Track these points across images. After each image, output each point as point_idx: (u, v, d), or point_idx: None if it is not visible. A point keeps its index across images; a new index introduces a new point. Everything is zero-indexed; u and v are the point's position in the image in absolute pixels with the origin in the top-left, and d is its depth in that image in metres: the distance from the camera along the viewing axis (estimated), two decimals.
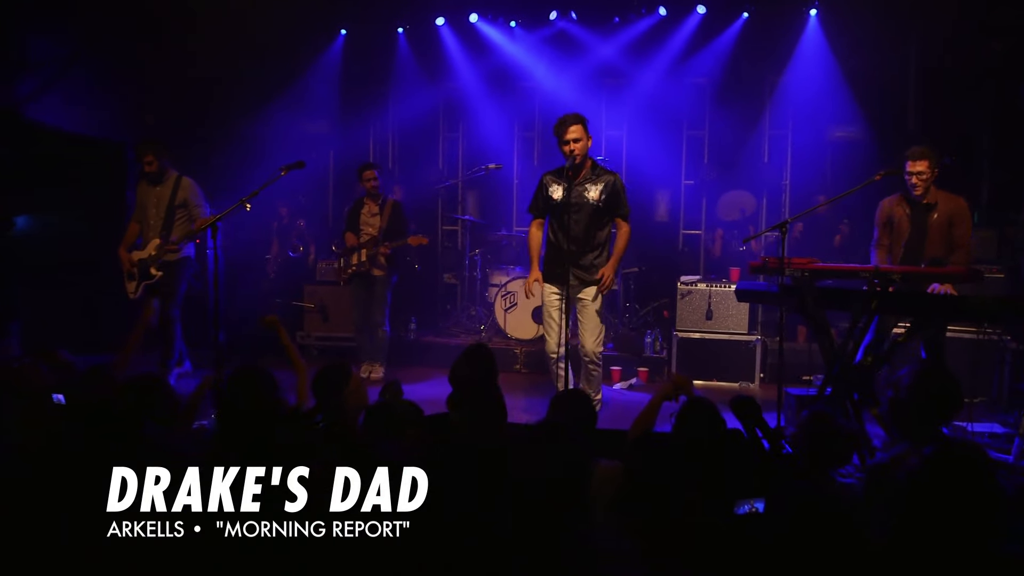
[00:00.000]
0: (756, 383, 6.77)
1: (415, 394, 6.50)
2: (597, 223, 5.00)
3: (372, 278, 6.62)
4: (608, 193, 4.96)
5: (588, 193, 4.93)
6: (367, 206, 6.72)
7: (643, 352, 7.02)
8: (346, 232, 6.78)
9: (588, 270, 4.98)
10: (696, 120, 8.99)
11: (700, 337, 6.85)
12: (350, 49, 9.33)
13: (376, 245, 6.53)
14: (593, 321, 5.02)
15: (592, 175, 4.99)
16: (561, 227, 4.93)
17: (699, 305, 6.88)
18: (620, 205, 5.05)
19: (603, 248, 5.04)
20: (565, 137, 4.82)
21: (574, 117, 4.85)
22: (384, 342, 6.78)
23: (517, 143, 9.48)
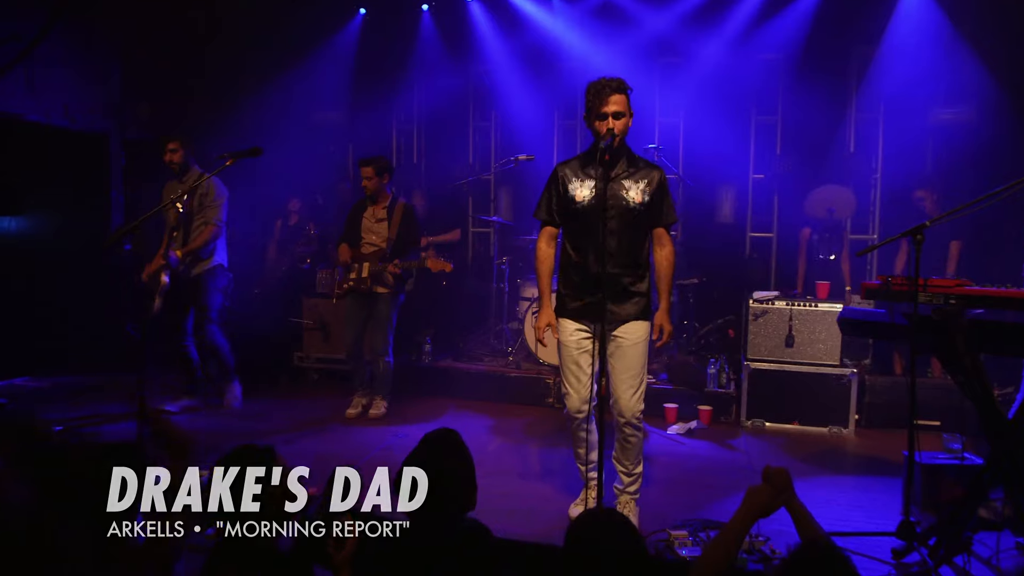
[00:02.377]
0: (851, 428, 5.17)
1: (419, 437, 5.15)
2: (638, 234, 3.47)
3: (373, 296, 5.25)
4: (653, 193, 3.44)
5: (627, 192, 3.41)
6: (370, 210, 5.32)
7: (705, 385, 5.49)
8: (341, 243, 5.37)
9: (624, 299, 3.47)
10: (767, 103, 7.38)
11: (778, 369, 5.29)
12: (369, 30, 8.00)
13: (383, 260, 5.16)
14: (633, 369, 3.49)
15: (629, 168, 3.45)
16: (590, 239, 3.42)
17: (777, 328, 5.32)
18: (667, 210, 3.51)
19: (645, 269, 3.54)
20: (603, 109, 3.32)
21: (618, 83, 3.34)
22: (388, 374, 5.40)
23: (558, 132, 8.01)
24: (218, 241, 5.39)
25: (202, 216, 5.28)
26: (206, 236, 5.26)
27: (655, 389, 5.54)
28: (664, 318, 3.54)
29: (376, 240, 5.24)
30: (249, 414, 5.50)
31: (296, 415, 5.45)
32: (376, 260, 5.17)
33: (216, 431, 5.04)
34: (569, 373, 3.57)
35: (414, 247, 5.32)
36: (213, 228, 5.29)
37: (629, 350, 3.47)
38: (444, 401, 5.88)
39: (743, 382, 5.35)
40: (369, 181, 5.20)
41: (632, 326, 3.48)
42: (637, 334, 3.48)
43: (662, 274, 3.56)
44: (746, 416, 5.32)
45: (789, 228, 6.95)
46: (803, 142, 7.16)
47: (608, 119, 3.32)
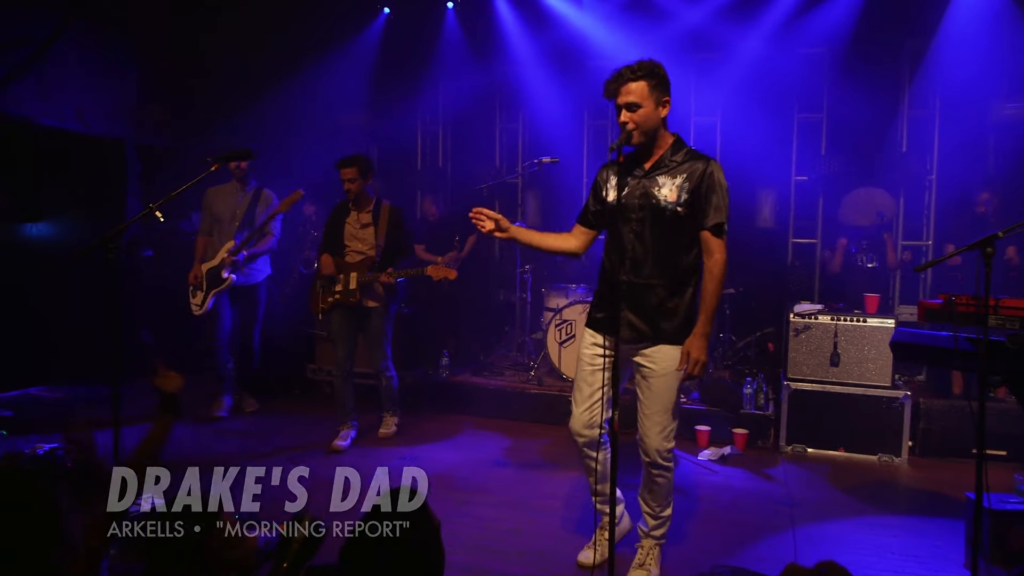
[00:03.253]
0: (903, 456, 4.63)
1: (432, 462, 4.79)
2: (675, 239, 2.91)
3: (363, 311, 4.76)
4: (694, 189, 2.87)
5: (659, 189, 2.89)
6: (353, 215, 4.83)
7: (740, 406, 4.99)
8: (322, 252, 4.90)
9: (655, 316, 2.93)
10: (811, 100, 6.82)
11: (821, 390, 4.77)
12: (393, 29, 7.65)
13: (373, 270, 4.69)
14: (661, 403, 2.99)
15: (670, 161, 2.93)
16: (615, 243, 3.00)
17: (820, 345, 4.80)
18: (713, 210, 2.89)
19: (686, 282, 2.98)
20: (617, 100, 2.88)
21: (635, 68, 2.86)
22: (393, 389, 4.99)
23: (588, 133, 7.57)
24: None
25: (262, 228, 5.23)
26: (268, 243, 5.29)
27: (685, 410, 5.07)
28: (696, 344, 2.86)
29: (362, 248, 4.75)
30: (255, 430, 5.19)
31: (302, 433, 5.10)
32: (364, 270, 4.67)
33: (216, 449, 4.73)
34: (576, 390, 3.12)
35: (406, 254, 4.84)
36: (272, 238, 5.31)
37: (657, 382, 2.96)
38: (460, 419, 5.48)
39: (783, 403, 4.83)
40: (352, 183, 4.67)
41: (662, 351, 2.93)
42: (667, 362, 2.93)
43: (704, 288, 2.95)
44: (786, 441, 4.81)
45: (835, 234, 6.38)
46: (850, 142, 6.59)
47: (622, 112, 2.86)
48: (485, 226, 2.99)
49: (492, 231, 2.99)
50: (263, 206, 5.32)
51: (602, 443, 3.08)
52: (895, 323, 4.66)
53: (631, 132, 2.85)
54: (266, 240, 5.30)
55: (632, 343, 2.98)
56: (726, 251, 2.96)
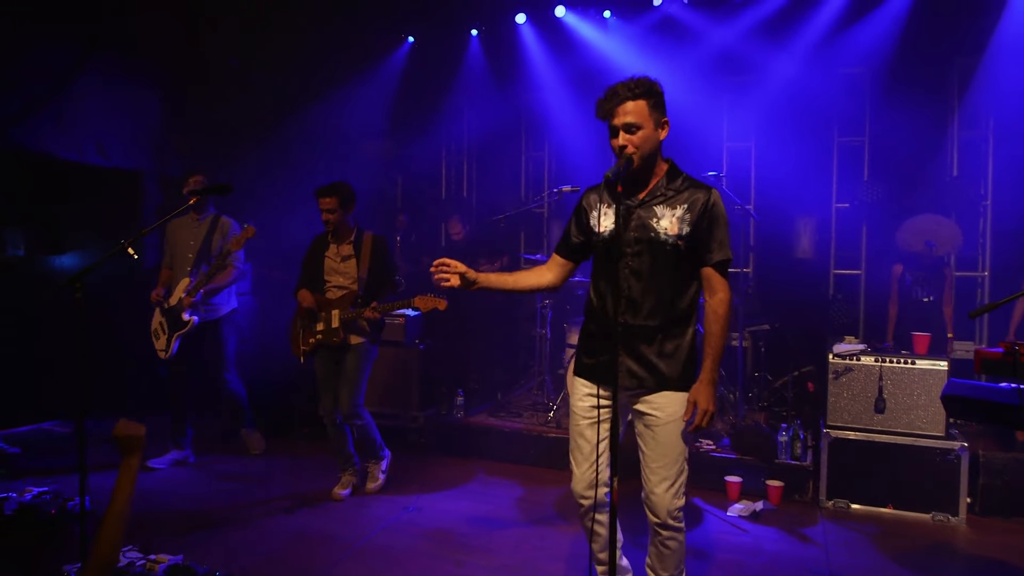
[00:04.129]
0: (961, 516, 4.07)
1: (436, 513, 4.33)
2: (674, 275, 2.55)
3: (344, 348, 4.33)
4: (696, 222, 2.52)
5: (658, 221, 2.54)
6: (332, 247, 4.45)
7: (775, 455, 4.50)
8: (298, 288, 4.48)
9: (656, 361, 2.56)
10: (852, 123, 6.36)
11: (866, 439, 4.25)
12: (417, 57, 7.44)
13: (356, 306, 4.29)
14: (668, 455, 2.58)
15: (667, 189, 2.57)
16: (608, 280, 2.62)
17: (864, 389, 4.29)
18: (717, 244, 2.54)
19: (687, 323, 2.61)
20: (613, 121, 2.51)
21: (633, 86, 2.50)
22: (369, 434, 4.48)
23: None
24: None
25: (222, 259, 4.84)
26: (228, 276, 4.91)
27: (714, 458, 4.60)
28: (703, 393, 2.50)
29: (344, 282, 4.36)
30: (253, 475, 4.87)
31: (301, 480, 4.75)
32: (346, 306, 4.28)
33: (207, 495, 4.44)
34: (574, 447, 2.72)
35: (391, 287, 4.42)
36: (234, 270, 4.93)
37: (661, 431, 2.57)
38: (473, 464, 5.09)
39: (822, 453, 4.33)
40: (332, 214, 4.26)
41: (666, 398, 2.55)
42: (671, 409, 2.55)
43: (708, 331, 2.59)
44: (826, 495, 4.30)
45: (880, 264, 5.86)
46: (895, 166, 6.09)
47: (619, 135, 2.49)
48: (450, 281, 2.61)
49: (459, 286, 2.63)
50: (220, 235, 4.99)
51: (603, 504, 2.71)
52: (948, 366, 4.14)
53: (630, 156, 2.48)
54: (226, 274, 4.91)
55: (631, 391, 2.60)
56: (730, 290, 2.60)
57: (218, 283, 4.88)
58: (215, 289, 4.90)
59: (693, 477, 4.61)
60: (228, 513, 4.16)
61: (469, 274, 2.61)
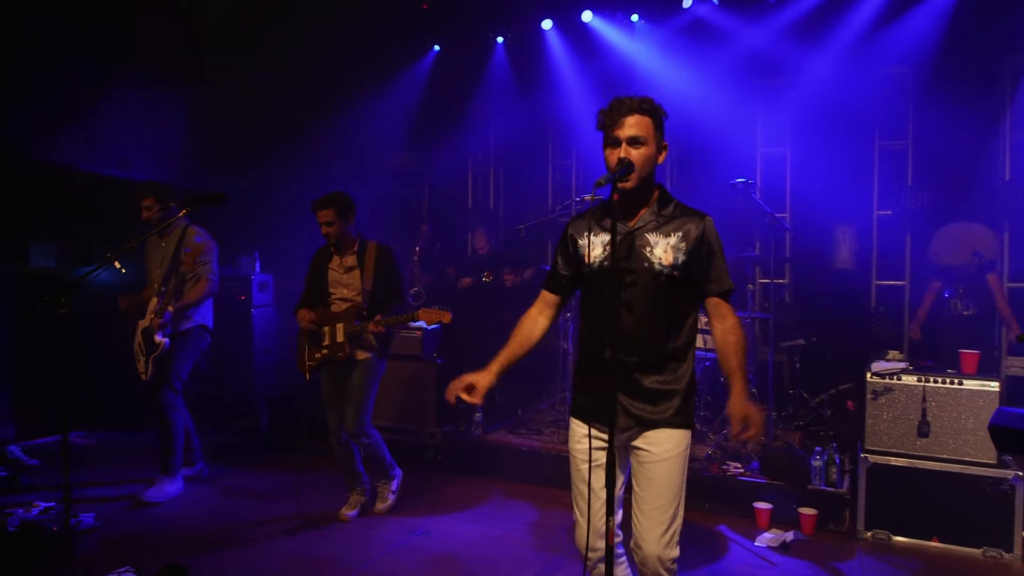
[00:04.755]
0: (1017, 551, 3.67)
1: (444, 538, 4.03)
2: (669, 307, 2.34)
3: (351, 364, 4.13)
4: (692, 251, 2.32)
5: (651, 250, 2.33)
6: (336, 259, 4.21)
7: (808, 481, 4.15)
8: (300, 306, 4.26)
9: (653, 399, 2.34)
10: (894, 126, 5.96)
11: (908, 465, 3.88)
12: (442, 66, 7.28)
13: (361, 319, 4.08)
14: (661, 497, 2.31)
15: (659, 216, 2.36)
16: (598, 314, 2.38)
17: (905, 411, 3.92)
18: (718, 275, 2.37)
19: (681, 357, 2.37)
20: (616, 132, 2.27)
21: (641, 101, 2.29)
22: (376, 452, 4.26)
23: None
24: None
25: (193, 271, 4.53)
26: (201, 291, 4.53)
27: (742, 482, 4.27)
28: (740, 403, 2.28)
29: (348, 294, 4.14)
30: (261, 491, 4.71)
31: (309, 498, 4.55)
32: (351, 319, 4.08)
33: (210, 512, 4.28)
34: (577, 494, 2.46)
35: (398, 299, 4.18)
36: (207, 284, 4.55)
37: (655, 469, 2.32)
38: (489, 484, 4.84)
39: (860, 479, 3.97)
40: (331, 227, 4.07)
41: (661, 435, 2.32)
42: (667, 446, 2.31)
43: (729, 352, 2.35)
44: (865, 525, 3.93)
45: (926, 275, 5.45)
46: (941, 170, 5.67)
47: (621, 146, 2.26)
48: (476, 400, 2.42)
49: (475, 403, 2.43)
50: (186, 244, 4.56)
51: (618, 555, 2.47)
52: (1000, 387, 3.75)
53: (631, 176, 2.25)
54: (199, 288, 4.52)
55: (629, 431, 2.37)
56: (736, 317, 2.41)
57: (189, 299, 4.51)
58: (186, 306, 4.51)
59: (719, 502, 4.34)
60: (230, 532, 4.00)
61: (478, 384, 2.41)
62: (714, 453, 4.58)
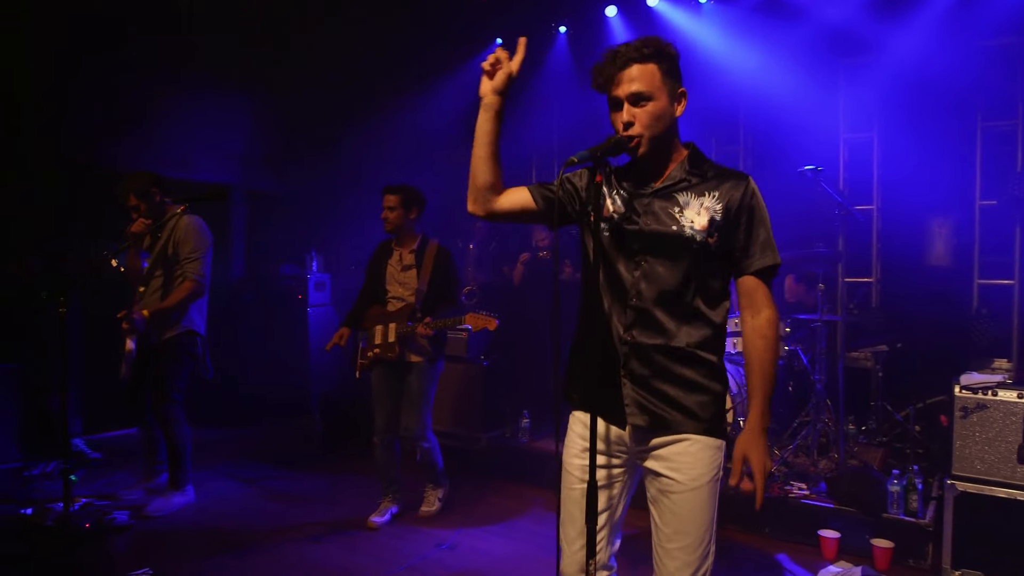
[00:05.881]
0: None
1: (471, 554, 3.66)
2: (701, 282, 1.88)
3: (406, 366, 3.98)
4: (732, 216, 1.87)
5: (681, 211, 1.87)
6: (396, 254, 4.08)
7: (884, 508, 3.58)
8: (355, 314, 4.10)
9: (678, 394, 1.86)
10: (999, 105, 5.18)
11: (1005, 495, 3.26)
12: None
13: (413, 320, 3.89)
14: (691, 533, 1.86)
15: (691, 175, 1.91)
16: (609, 283, 1.94)
17: (1002, 432, 3.31)
18: (760, 248, 1.89)
19: (717, 345, 1.91)
20: (614, 91, 1.87)
21: (637, 47, 1.85)
22: (432, 458, 4.10)
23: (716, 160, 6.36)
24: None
25: (179, 269, 4.10)
26: (182, 294, 4.03)
27: (806, 506, 3.75)
28: (753, 442, 1.84)
29: (403, 293, 3.96)
30: (298, 494, 4.56)
31: (343, 502, 4.38)
32: (404, 320, 3.89)
33: (241, 513, 4.15)
34: (566, 518, 2.00)
35: (451, 302, 3.96)
36: (192, 285, 4.05)
37: (681, 502, 1.85)
38: (531, 494, 4.51)
39: (945, 509, 3.38)
40: (392, 211, 3.92)
41: (688, 453, 1.85)
42: (697, 471, 1.84)
43: (754, 359, 1.90)
44: (951, 563, 3.34)
45: None
46: None
47: (623, 108, 1.86)
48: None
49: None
50: (173, 241, 4.09)
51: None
52: None
53: (634, 139, 1.85)
54: (181, 290, 4.04)
55: (639, 438, 1.91)
56: (774, 309, 1.92)
57: (168, 303, 4.03)
58: (166, 310, 4.03)
59: (780, 526, 3.83)
60: (257, 536, 3.85)
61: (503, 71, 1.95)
62: (777, 471, 4.07)
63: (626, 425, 1.89)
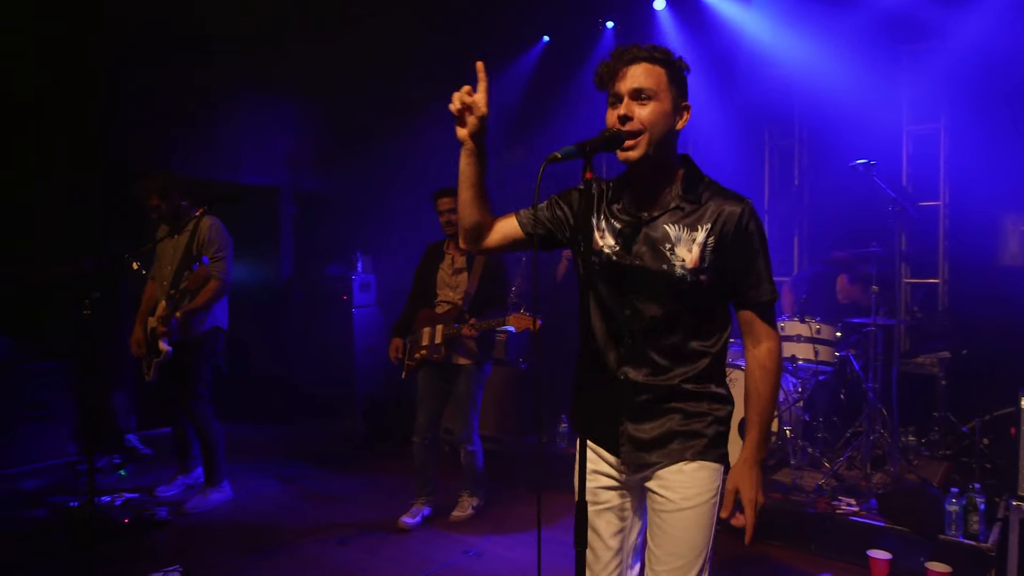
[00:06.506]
0: None
1: (497, 562, 3.55)
2: (694, 318, 1.75)
3: (453, 369, 3.92)
4: (728, 246, 1.71)
5: (672, 247, 1.72)
6: (448, 258, 4.02)
7: (940, 529, 3.28)
8: (405, 317, 4.07)
9: (670, 428, 1.75)
10: None
11: None
12: (550, 56, 6.88)
13: (459, 322, 3.83)
14: (679, 558, 1.71)
15: (684, 201, 1.74)
16: (601, 313, 1.82)
17: None
18: (757, 280, 1.74)
19: (712, 376, 1.77)
20: (617, 87, 1.71)
21: (649, 48, 1.72)
22: (475, 465, 4.04)
23: (770, 158, 6.08)
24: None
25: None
26: (209, 293, 4.08)
27: (855, 523, 3.48)
28: (747, 476, 1.73)
29: (452, 296, 3.92)
30: (332, 494, 4.54)
31: (377, 504, 4.32)
32: (450, 322, 3.84)
33: (276, 512, 4.15)
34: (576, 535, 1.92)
35: (498, 305, 3.89)
36: (218, 284, 4.10)
37: (672, 521, 1.74)
38: (567, 501, 4.34)
39: (1010, 532, 3.07)
40: (452, 214, 3.84)
41: (683, 474, 1.74)
42: (690, 491, 1.73)
43: (751, 391, 1.78)
44: None
45: None
46: None
47: (622, 102, 1.70)
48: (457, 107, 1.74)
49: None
50: (198, 242, 4.12)
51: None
52: None
53: (631, 137, 1.68)
54: (208, 289, 4.08)
55: (640, 466, 1.80)
56: (778, 339, 1.80)
57: (197, 304, 4.08)
58: (194, 310, 4.09)
59: (826, 544, 3.56)
60: (285, 535, 3.84)
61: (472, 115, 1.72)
62: (826, 484, 3.80)
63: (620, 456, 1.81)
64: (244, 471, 4.88)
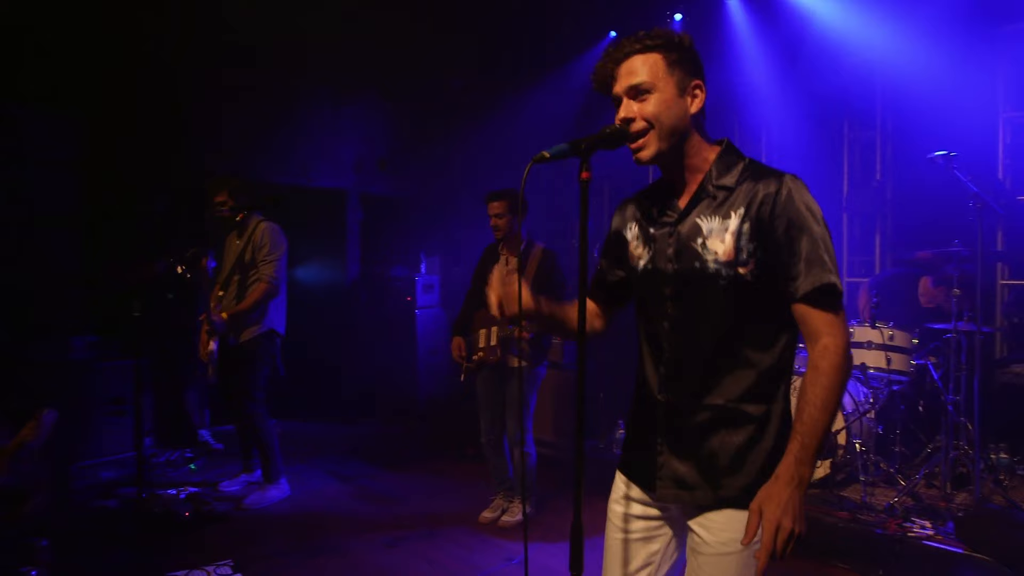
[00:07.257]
0: None
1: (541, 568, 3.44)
2: (739, 324, 1.52)
3: (508, 371, 3.88)
4: (764, 231, 1.49)
5: (703, 241, 1.54)
6: (503, 259, 3.98)
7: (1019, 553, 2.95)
8: (462, 319, 4.06)
9: (715, 462, 1.55)
10: None
11: None
12: None
13: (513, 323, 3.77)
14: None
15: (716, 188, 1.56)
16: (648, 338, 1.65)
17: None
18: (805, 264, 1.46)
19: (769, 396, 1.54)
20: (614, 89, 1.58)
21: (639, 37, 1.54)
22: (528, 470, 3.93)
23: (849, 153, 5.70)
24: (272, 302, 4.26)
25: (254, 272, 4.23)
26: (256, 296, 4.16)
27: (931, 548, 3.18)
28: (776, 499, 1.41)
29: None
30: (386, 495, 4.55)
31: (430, 506, 4.31)
32: (505, 323, 3.79)
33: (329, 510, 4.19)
34: (606, 569, 1.74)
35: None
36: (265, 287, 4.17)
37: (707, 563, 1.54)
38: None
39: None
40: (500, 219, 3.84)
41: (725, 517, 1.54)
42: (728, 534, 1.52)
43: (798, 397, 1.48)
44: None
45: None
46: None
47: (621, 103, 1.56)
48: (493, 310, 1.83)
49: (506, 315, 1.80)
50: (252, 247, 4.22)
51: None
52: None
53: (639, 135, 1.54)
54: (255, 292, 4.17)
55: (684, 503, 1.61)
56: (846, 329, 1.51)
57: (244, 306, 4.17)
58: (242, 312, 4.17)
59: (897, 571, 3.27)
60: (334, 535, 3.87)
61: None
62: (899, 503, 3.49)
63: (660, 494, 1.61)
64: (305, 469, 4.98)
